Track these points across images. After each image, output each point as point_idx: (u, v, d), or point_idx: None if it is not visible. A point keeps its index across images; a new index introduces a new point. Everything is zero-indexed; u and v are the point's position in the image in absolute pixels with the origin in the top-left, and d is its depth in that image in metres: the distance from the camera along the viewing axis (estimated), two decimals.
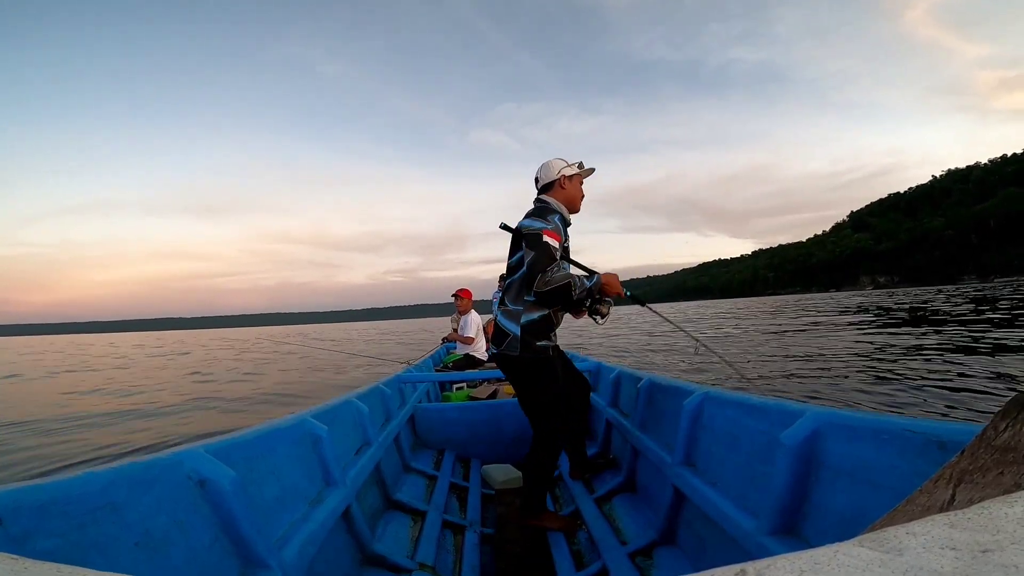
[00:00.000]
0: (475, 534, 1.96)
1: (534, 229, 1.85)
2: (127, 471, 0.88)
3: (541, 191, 2.08)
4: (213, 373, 11.40)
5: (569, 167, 2.04)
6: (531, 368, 1.92)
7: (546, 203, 2.01)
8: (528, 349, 1.89)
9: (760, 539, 1.16)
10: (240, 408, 6.75)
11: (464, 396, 3.74)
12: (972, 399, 4.72)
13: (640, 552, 1.68)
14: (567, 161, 2.06)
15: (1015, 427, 0.48)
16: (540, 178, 2.08)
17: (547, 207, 1.98)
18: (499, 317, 1.99)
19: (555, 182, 2.03)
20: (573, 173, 2.04)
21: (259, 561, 1.05)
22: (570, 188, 2.04)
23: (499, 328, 1.97)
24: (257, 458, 1.26)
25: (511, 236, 2.00)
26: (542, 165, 2.08)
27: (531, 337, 1.90)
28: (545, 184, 2.06)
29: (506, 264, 2.05)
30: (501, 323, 1.97)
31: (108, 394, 8.28)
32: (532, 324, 1.90)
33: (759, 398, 1.46)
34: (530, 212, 1.99)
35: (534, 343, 1.90)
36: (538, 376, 1.92)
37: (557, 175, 2.02)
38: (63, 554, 0.71)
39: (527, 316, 1.90)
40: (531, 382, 1.94)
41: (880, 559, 0.28)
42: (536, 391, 1.93)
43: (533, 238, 1.84)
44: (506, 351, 1.93)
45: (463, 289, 5.34)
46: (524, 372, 1.94)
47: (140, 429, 5.44)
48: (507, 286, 2.00)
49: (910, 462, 0.92)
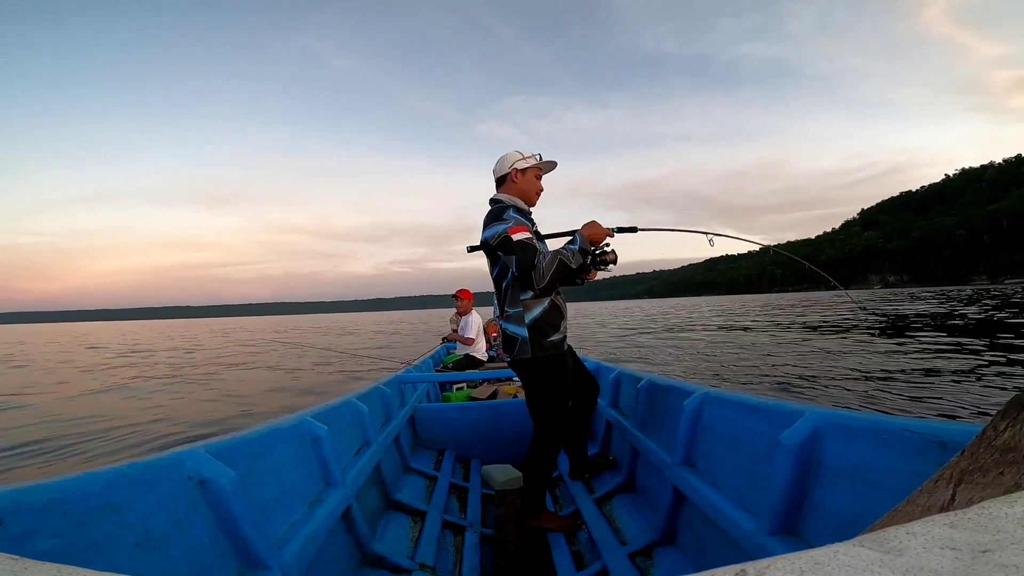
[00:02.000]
0: (475, 534, 1.96)
1: (498, 234, 1.80)
2: (127, 471, 0.88)
3: (497, 187, 2.00)
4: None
5: (524, 159, 1.95)
6: (544, 368, 1.88)
7: (498, 202, 1.93)
8: (539, 348, 1.85)
9: (760, 539, 1.16)
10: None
11: (464, 396, 3.74)
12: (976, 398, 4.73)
13: (640, 552, 1.68)
14: (523, 153, 1.97)
15: (1015, 427, 0.48)
16: (495, 171, 2.00)
17: (500, 206, 1.90)
18: (503, 325, 1.94)
19: (506, 176, 1.95)
20: (527, 166, 1.94)
21: (259, 561, 1.05)
22: (522, 182, 1.95)
23: (507, 335, 1.92)
24: (257, 458, 1.25)
25: (484, 252, 1.95)
26: (498, 159, 1.99)
27: (539, 335, 1.86)
28: (498, 178, 1.98)
29: (491, 278, 1.99)
30: (507, 329, 1.91)
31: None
32: (537, 320, 1.86)
33: (759, 398, 1.46)
34: (486, 219, 1.91)
35: (543, 340, 1.86)
36: (549, 375, 1.89)
37: (509, 168, 1.94)
38: (63, 554, 0.71)
39: (530, 314, 1.86)
40: (542, 381, 1.90)
41: (880, 559, 0.28)
42: (545, 390, 1.91)
43: (503, 243, 1.79)
44: (519, 356, 1.88)
45: (463, 290, 5.33)
46: (538, 374, 1.89)
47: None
48: (504, 294, 1.94)
49: (910, 462, 0.92)
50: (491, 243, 1.85)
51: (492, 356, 5.47)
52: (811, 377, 6.54)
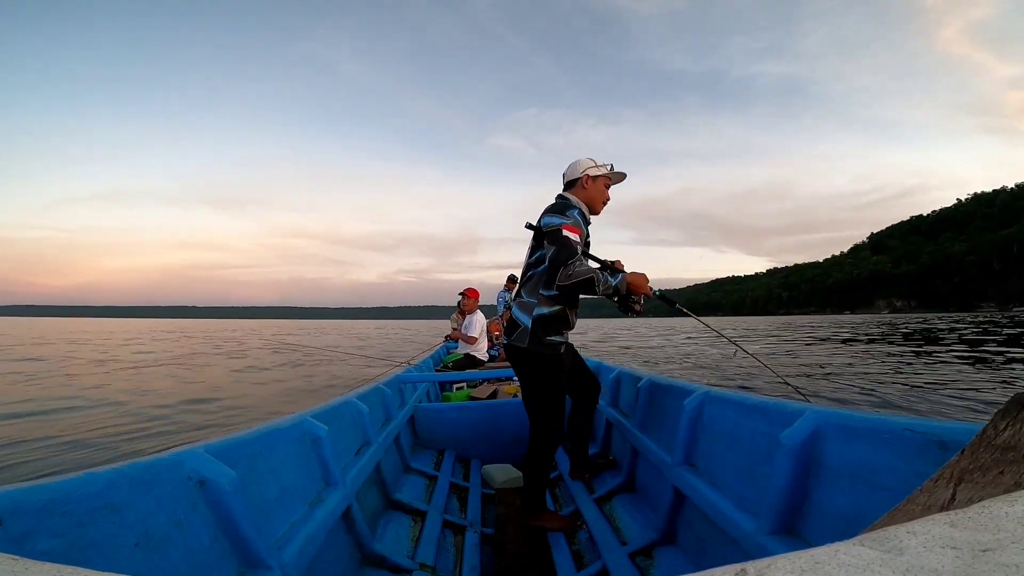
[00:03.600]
0: (475, 534, 1.96)
1: (553, 225, 1.86)
2: (127, 471, 0.88)
3: (565, 188, 2.08)
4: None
5: (597, 167, 2.02)
6: (537, 362, 1.92)
7: (566, 199, 2.00)
8: (537, 342, 1.90)
9: (760, 539, 1.16)
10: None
11: (464, 396, 3.74)
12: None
13: (640, 552, 1.68)
14: (596, 161, 2.04)
15: (1015, 426, 0.48)
16: (566, 175, 2.08)
17: (566, 203, 1.97)
18: (514, 309, 2.01)
19: (578, 180, 2.03)
20: (599, 174, 2.02)
21: (259, 561, 1.05)
22: (591, 188, 2.02)
23: (512, 320, 1.99)
24: (257, 458, 1.25)
25: (532, 234, 2.00)
26: (572, 162, 2.08)
27: (541, 331, 1.90)
28: (569, 181, 2.06)
29: (525, 262, 2.05)
30: (515, 315, 1.98)
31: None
32: (543, 318, 1.91)
33: (759, 398, 1.46)
34: (549, 208, 1.98)
35: (544, 337, 1.91)
36: (543, 372, 1.92)
37: (581, 174, 2.02)
38: (63, 554, 0.71)
39: (539, 310, 1.91)
40: (535, 377, 1.94)
41: (881, 558, 0.28)
42: (539, 387, 1.94)
43: (553, 234, 1.85)
44: (515, 342, 1.94)
45: (471, 288, 5.34)
46: (530, 366, 1.94)
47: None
48: (527, 280, 2.01)
49: (910, 462, 0.92)
50: (544, 229, 1.90)
51: (493, 356, 5.47)
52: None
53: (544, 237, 1.90)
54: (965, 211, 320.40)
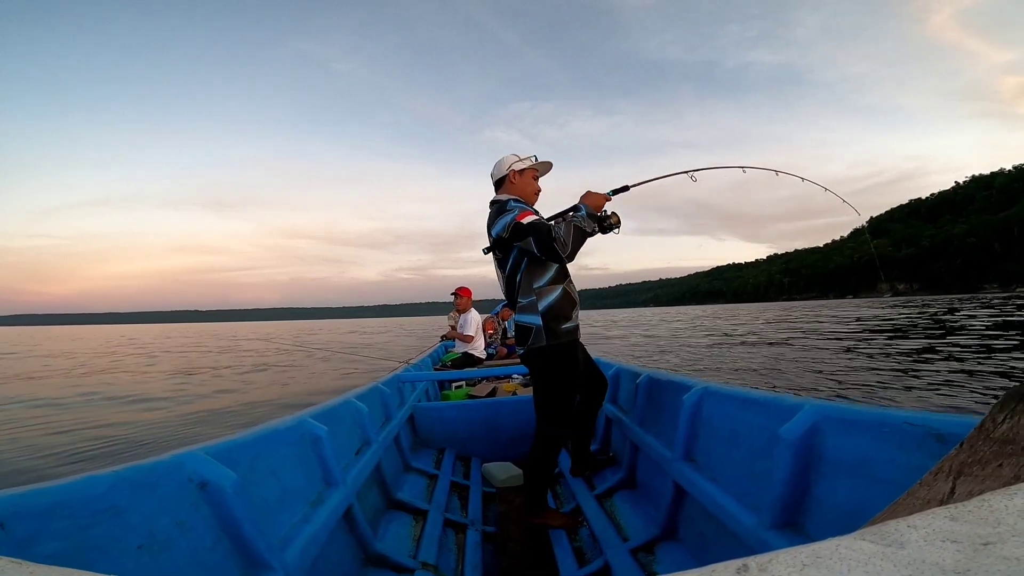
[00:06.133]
0: (477, 532, 1.97)
1: (507, 224, 1.83)
2: (129, 474, 0.88)
3: (496, 189, 2.05)
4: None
5: (520, 161, 2.01)
6: (558, 357, 1.88)
7: (498, 201, 1.97)
8: (554, 336, 1.86)
9: (761, 534, 1.16)
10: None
11: (463, 395, 3.74)
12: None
13: (642, 548, 1.68)
14: (519, 155, 2.03)
15: (1013, 419, 0.49)
16: (493, 175, 2.06)
17: (501, 204, 1.94)
18: (516, 318, 1.96)
19: (504, 178, 2.01)
20: (524, 167, 2.00)
21: (261, 562, 1.05)
22: (520, 183, 2.01)
23: (520, 326, 1.93)
24: (257, 459, 1.25)
25: (496, 249, 1.97)
26: (496, 162, 2.06)
27: (554, 322, 1.87)
28: (497, 181, 2.04)
29: (503, 278, 2.00)
30: (520, 320, 1.92)
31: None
32: (551, 307, 1.87)
33: (758, 392, 1.47)
34: (490, 218, 1.95)
35: (559, 328, 1.87)
36: (562, 365, 1.89)
37: (507, 170, 2.00)
38: (66, 558, 0.71)
39: (544, 301, 1.87)
40: (554, 371, 1.90)
41: (881, 552, 0.28)
42: (556, 381, 1.90)
43: (515, 230, 1.82)
44: (533, 345, 1.88)
45: (463, 287, 5.33)
46: (551, 363, 1.89)
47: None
48: (516, 287, 1.94)
49: (910, 455, 0.93)
50: (503, 235, 1.86)
51: (491, 354, 5.47)
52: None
53: (510, 241, 1.86)
54: (964, 194, 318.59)
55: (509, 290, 2.00)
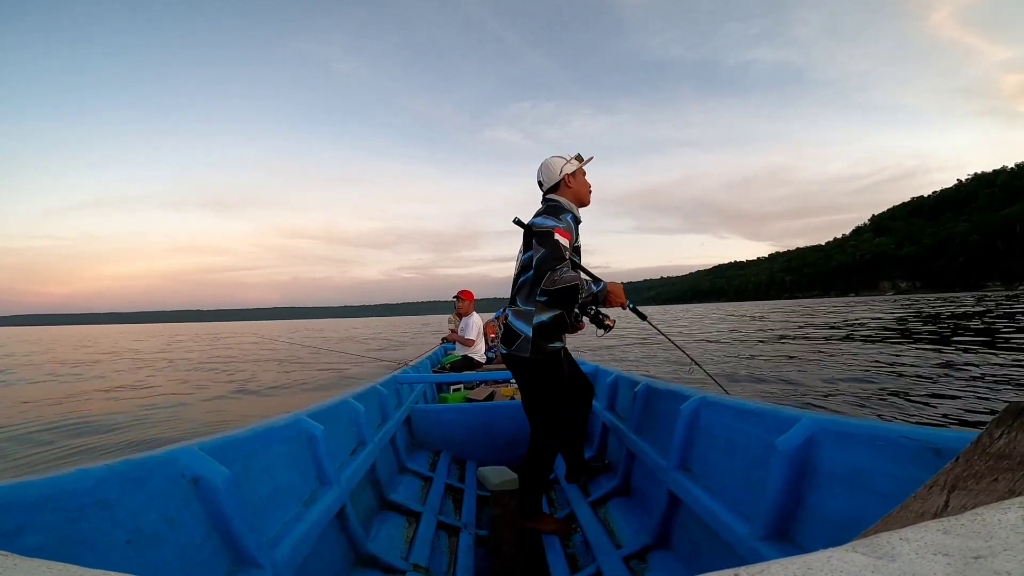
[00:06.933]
0: (470, 536, 1.96)
1: (546, 227, 1.83)
2: (119, 468, 0.87)
3: (548, 191, 2.04)
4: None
5: (569, 163, 2.00)
6: (540, 370, 1.90)
7: (557, 201, 1.97)
8: (539, 351, 1.87)
9: (754, 544, 1.16)
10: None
11: (461, 398, 3.73)
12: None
13: (635, 556, 1.68)
14: (565, 157, 2.01)
15: (1010, 434, 0.49)
16: (543, 180, 2.05)
17: (558, 205, 1.94)
18: (510, 317, 1.97)
19: (560, 182, 2.00)
20: (575, 168, 2.00)
21: (251, 560, 1.05)
22: (575, 184, 2.01)
23: (510, 328, 1.94)
24: (251, 457, 1.25)
25: (523, 233, 1.97)
26: (541, 166, 2.05)
27: (543, 339, 1.87)
28: (550, 186, 2.03)
29: (518, 262, 2.01)
30: (512, 323, 1.93)
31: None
32: (544, 325, 1.88)
33: (755, 403, 1.46)
34: (541, 210, 1.96)
35: (545, 345, 1.88)
36: (546, 378, 1.90)
37: (560, 175, 1.99)
38: (53, 551, 0.71)
39: (539, 317, 1.88)
40: (538, 383, 1.92)
41: (873, 565, 0.28)
42: (541, 393, 1.92)
43: (544, 235, 1.82)
44: (516, 352, 1.90)
45: (465, 291, 5.34)
46: (533, 374, 1.92)
47: None
48: (520, 285, 1.97)
49: (905, 468, 0.93)
50: (535, 228, 1.87)
51: (490, 358, 5.47)
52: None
53: (534, 237, 1.86)
54: (966, 192, 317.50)
55: (514, 282, 2.02)
